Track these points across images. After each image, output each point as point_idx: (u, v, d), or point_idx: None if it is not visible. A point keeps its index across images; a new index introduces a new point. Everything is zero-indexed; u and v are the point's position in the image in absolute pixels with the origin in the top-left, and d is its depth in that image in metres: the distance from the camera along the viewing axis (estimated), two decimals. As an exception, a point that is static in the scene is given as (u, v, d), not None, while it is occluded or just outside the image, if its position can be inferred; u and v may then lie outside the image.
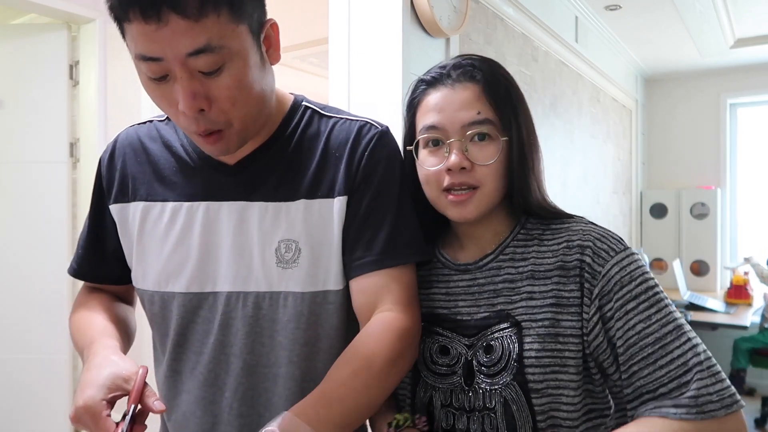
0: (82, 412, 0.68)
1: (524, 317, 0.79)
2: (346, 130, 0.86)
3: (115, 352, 0.78)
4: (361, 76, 1.74)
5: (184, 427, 0.87)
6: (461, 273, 0.87)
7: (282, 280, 0.82)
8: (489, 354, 0.80)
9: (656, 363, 0.72)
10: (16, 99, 2.52)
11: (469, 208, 0.82)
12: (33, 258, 2.50)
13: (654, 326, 0.73)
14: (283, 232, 0.82)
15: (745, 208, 4.66)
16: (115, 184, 0.91)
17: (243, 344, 0.83)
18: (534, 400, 0.76)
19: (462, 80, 0.82)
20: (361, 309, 0.83)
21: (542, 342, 0.76)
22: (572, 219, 0.85)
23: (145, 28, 0.66)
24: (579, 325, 0.76)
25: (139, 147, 0.91)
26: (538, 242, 0.84)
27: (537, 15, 2.63)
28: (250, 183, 0.84)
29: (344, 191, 0.83)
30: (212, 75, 0.70)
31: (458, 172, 0.80)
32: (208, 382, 0.85)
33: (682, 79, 4.67)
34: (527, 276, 0.81)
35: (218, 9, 0.67)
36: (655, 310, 0.74)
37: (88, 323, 0.88)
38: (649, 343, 0.73)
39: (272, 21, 0.78)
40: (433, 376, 0.84)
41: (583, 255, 0.78)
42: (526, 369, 0.76)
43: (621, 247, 0.78)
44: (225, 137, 0.76)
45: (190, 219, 0.85)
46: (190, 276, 0.85)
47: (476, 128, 0.80)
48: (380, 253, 0.82)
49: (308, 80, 4.25)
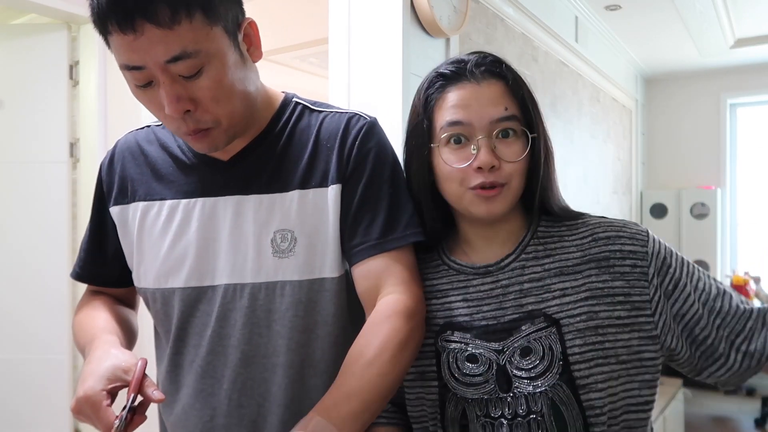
0: (83, 402, 0.69)
1: (561, 314, 0.78)
2: (335, 122, 0.89)
3: (115, 346, 0.79)
4: (361, 76, 1.74)
5: (184, 421, 0.87)
6: (481, 276, 0.85)
7: (279, 269, 0.84)
8: (527, 356, 0.78)
9: (732, 306, 0.79)
10: (16, 99, 2.52)
11: (497, 204, 0.80)
12: (33, 258, 2.49)
13: (708, 281, 0.81)
14: (278, 223, 0.84)
15: (745, 208, 4.66)
16: (114, 187, 0.93)
17: (240, 335, 0.84)
18: (582, 396, 0.75)
19: (488, 77, 0.81)
20: (365, 294, 0.85)
21: (583, 337, 0.76)
22: (582, 215, 0.87)
23: (124, 39, 0.69)
24: (621, 314, 0.77)
25: (137, 150, 0.93)
26: (559, 239, 0.84)
27: (537, 15, 2.63)
28: (244, 177, 0.86)
29: (338, 180, 0.85)
30: (193, 78, 0.73)
31: (488, 171, 0.78)
32: (207, 374, 0.86)
33: (682, 79, 4.67)
34: (556, 273, 0.81)
35: (191, 15, 0.69)
36: (696, 269, 0.82)
37: (89, 323, 0.89)
38: (717, 294, 0.80)
39: (250, 20, 0.80)
40: (464, 387, 0.80)
41: (614, 244, 0.80)
42: (572, 366, 0.75)
43: (644, 228, 0.82)
44: (213, 135, 0.79)
45: (188, 215, 0.87)
46: (189, 271, 0.86)
47: (504, 124, 0.79)
48: (379, 237, 0.84)
49: (308, 80, 4.25)
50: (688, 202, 4.46)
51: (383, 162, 0.88)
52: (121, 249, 0.93)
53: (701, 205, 4.41)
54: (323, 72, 3.99)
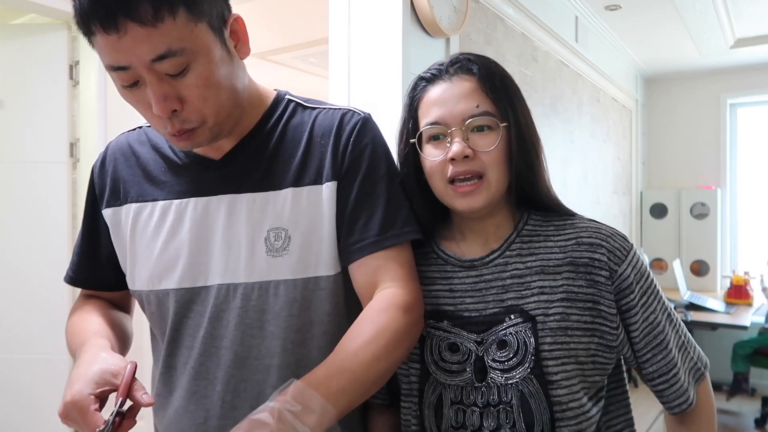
0: (70, 406, 0.68)
1: (537, 311, 0.81)
2: (329, 118, 0.88)
3: (105, 349, 0.78)
4: (361, 76, 1.74)
5: (177, 423, 0.86)
6: (466, 270, 0.88)
7: (272, 268, 0.83)
8: (503, 349, 0.82)
9: (666, 348, 0.85)
10: (16, 99, 2.52)
11: (477, 198, 0.83)
12: (33, 258, 2.49)
13: (660, 316, 0.86)
14: (272, 221, 0.83)
15: (745, 208, 4.66)
16: (107, 189, 0.92)
17: (233, 336, 0.83)
18: (551, 391, 0.79)
19: (459, 74, 0.85)
20: (363, 289, 0.84)
21: (554, 335, 0.80)
22: (573, 216, 0.90)
23: (108, 38, 0.68)
24: (587, 319, 0.81)
25: (129, 152, 0.93)
26: (544, 238, 0.87)
27: (537, 15, 2.63)
28: (237, 176, 0.86)
29: (333, 177, 0.84)
30: (179, 76, 0.72)
31: (462, 161, 0.82)
32: (200, 375, 0.85)
33: (682, 79, 4.67)
34: (537, 271, 0.84)
35: (174, 12, 0.68)
36: (658, 301, 0.86)
37: (81, 327, 0.88)
38: (660, 332, 0.85)
39: (236, 16, 0.79)
40: (443, 373, 0.85)
41: (595, 252, 0.83)
42: (543, 362, 0.79)
43: (629, 245, 0.85)
44: (197, 133, 0.78)
45: (180, 216, 0.86)
46: (182, 272, 0.85)
47: (477, 121, 0.82)
48: (377, 235, 0.83)
49: (308, 80, 4.25)
50: (688, 202, 4.46)
51: (379, 158, 0.87)
52: (114, 252, 0.92)
53: (701, 205, 4.41)
54: (323, 72, 3.99)
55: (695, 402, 0.87)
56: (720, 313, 3.69)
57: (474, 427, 0.82)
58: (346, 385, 0.71)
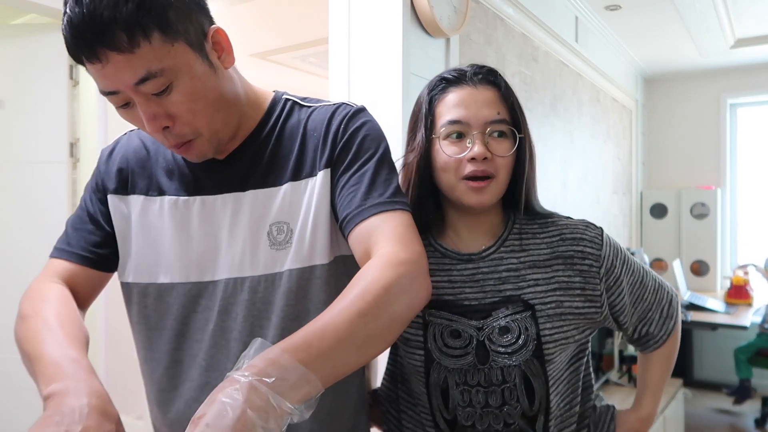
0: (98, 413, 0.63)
1: (535, 301, 0.91)
2: (322, 113, 0.91)
3: (108, 402, 0.69)
4: (361, 76, 1.74)
5: (187, 416, 0.86)
6: (464, 262, 0.95)
7: (277, 261, 0.86)
8: (505, 335, 0.90)
9: (647, 290, 1.01)
10: (16, 99, 2.52)
11: (486, 195, 0.91)
12: (33, 258, 2.48)
13: (637, 269, 1.00)
14: (274, 216, 0.87)
15: (745, 208, 4.66)
16: (114, 175, 0.94)
17: (242, 328, 0.86)
18: (549, 369, 0.91)
19: (484, 83, 0.93)
20: (361, 261, 0.82)
21: (552, 321, 0.91)
22: (552, 215, 1.00)
23: (94, 67, 0.73)
24: (578, 304, 0.92)
25: (140, 146, 0.96)
26: (532, 236, 0.96)
27: (537, 15, 2.63)
28: (240, 175, 0.89)
29: (326, 165, 0.87)
30: (164, 95, 0.76)
31: (480, 162, 0.89)
32: (211, 367, 0.87)
33: (682, 79, 4.67)
34: (530, 265, 0.93)
35: (148, 36, 0.71)
36: (632, 262, 1.00)
37: (47, 335, 0.82)
38: (642, 295, 1.00)
39: (216, 28, 0.81)
40: (447, 358, 0.92)
41: (577, 245, 0.93)
42: (543, 345, 0.90)
43: (599, 229, 0.97)
44: (197, 145, 0.82)
45: (188, 212, 0.89)
46: (190, 266, 0.89)
47: (496, 126, 0.91)
48: (371, 206, 0.82)
49: (308, 80, 4.25)
50: (688, 202, 4.46)
51: (371, 141, 0.88)
52: (110, 235, 0.94)
53: (701, 205, 4.41)
54: (323, 72, 3.99)
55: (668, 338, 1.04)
56: (720, 314, 3.70)
57: (480, 405, 0.91)
58: (330, 348, 0.63)
